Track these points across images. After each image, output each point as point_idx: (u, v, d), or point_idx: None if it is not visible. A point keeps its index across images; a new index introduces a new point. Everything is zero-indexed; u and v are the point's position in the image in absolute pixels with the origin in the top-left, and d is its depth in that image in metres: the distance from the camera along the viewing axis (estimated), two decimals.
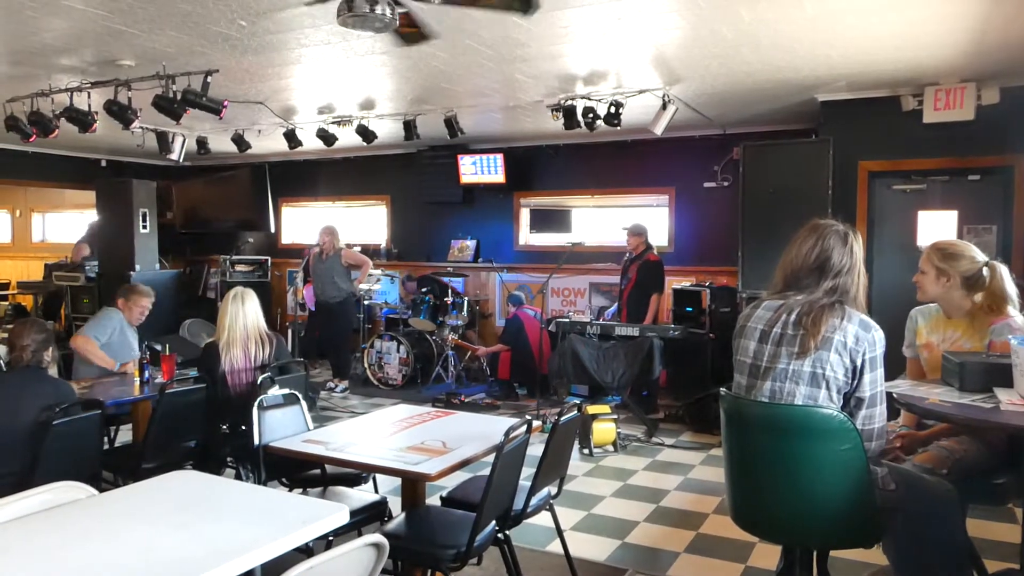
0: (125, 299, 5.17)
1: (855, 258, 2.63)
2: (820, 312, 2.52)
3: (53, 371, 3.87)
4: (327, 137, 7.80)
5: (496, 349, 8.20)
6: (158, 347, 4.82)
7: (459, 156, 9.45)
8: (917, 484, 2.59)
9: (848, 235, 2.65)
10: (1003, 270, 3.03)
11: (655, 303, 7.25)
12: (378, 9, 3.71)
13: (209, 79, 5.59)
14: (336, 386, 8.11)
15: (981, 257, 3.06)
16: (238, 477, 4.19)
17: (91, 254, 10.16)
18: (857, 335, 2.48)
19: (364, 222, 11.03)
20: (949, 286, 3.05)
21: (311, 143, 8.02)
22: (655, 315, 7.27)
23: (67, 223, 13.67)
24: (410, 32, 4.52)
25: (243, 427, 4.09)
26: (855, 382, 2.50)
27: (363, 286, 8.61)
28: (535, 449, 3.23)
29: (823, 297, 2.56)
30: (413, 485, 3.22)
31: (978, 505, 3.55)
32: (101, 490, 2.48)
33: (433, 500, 3.52)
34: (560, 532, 3.63)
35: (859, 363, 2.48)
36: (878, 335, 2.51)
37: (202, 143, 8.57)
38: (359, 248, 9.21)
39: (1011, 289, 3.01)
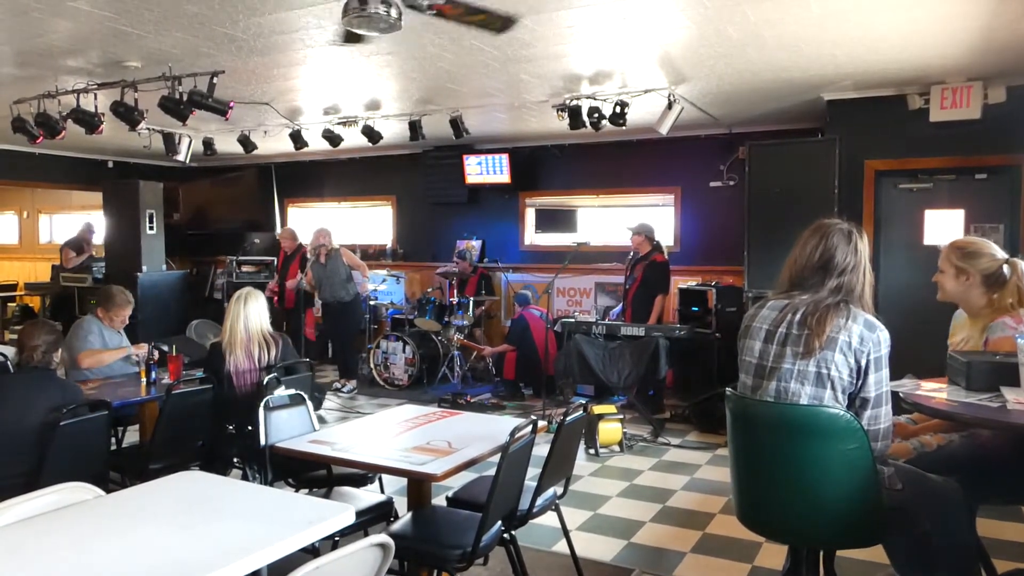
0: (105, 310, 5.02)
1: (860, 256, 2.62)
2: (825, 312, 2.51)
3: (61, 372, 3.88)
4: (333, 138, 7.81)
5: (501, 349, 8.21)
6: (165, 348, 4.82)
7: (464, 156, 9.46)
8: (924, 483, 2.58)
9: (852, 233, 2.65)
10: None
11: (659, 304, 7.24)
12: (383, 9, 3.72)
13: (215, 80, 5.61)
14: (343, 386, 8.12)
15: (1001, 255, 3.03)
16: (244, 477, 4.20)
17: (78, 256, 10.18)
18: (862, 335, 2.47)
19: (370, 222, 11.05)
20: (969, 284, 3.03)
21: (317, 144, 8.03)
22: (659, 315, 7.26)
23: (74, 224, 13.70)
24: (481, 19, 4.22)
25: (249, 428, 4.10)
26: (860, 382, 2.49)
27: (370, 286, 8.68)
28: (541, 449, 3.23)
29: (828, 297, 2.56)
30: (419, 485, 3.23)
31: (987, 505, 3.54)
32: (108, 491, 2.49)
33: (439, 500, 3.52)
34: (566, 532, 3.63)
35: (864, 363, 2.47)
36: (883, 335, 2.50)
37: (208, 144, 8.60)
38: (359, 251, 9.27)
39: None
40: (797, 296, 2.61)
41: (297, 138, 7.90)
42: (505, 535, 3.14)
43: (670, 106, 6.49)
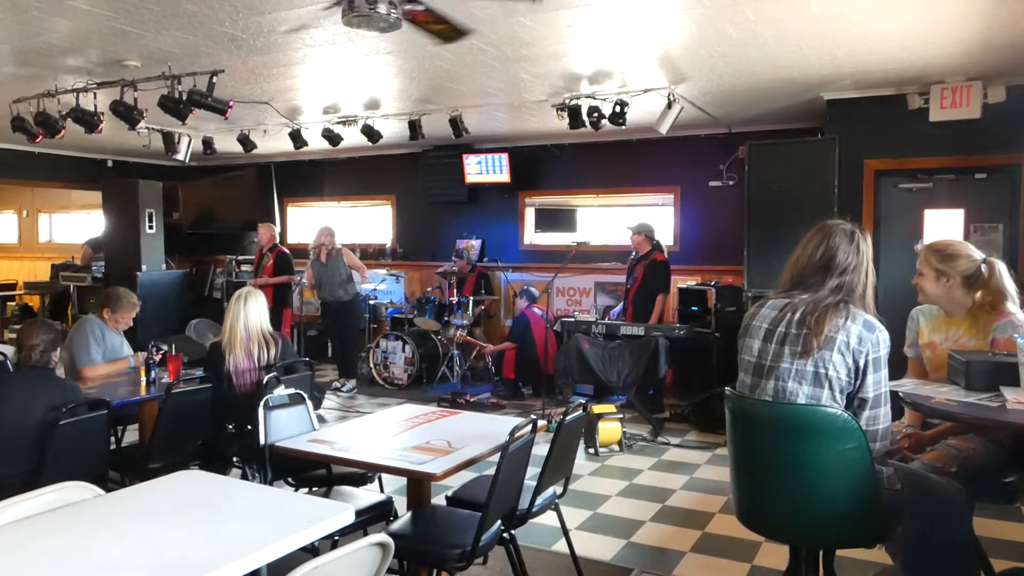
0: (112, 310, 4.98)
1: (862, 257, 2.62)
2: (824, 312, 2.51)
3: (61, 372, 3.87)
4: (332, 137, 7.81)
5: (503, 347, 8.21)
6: (164, 347, 4.82)
7: (464, 156, 9.46)
8: (923, 484, 2.58)
9: (855, 234, 2.65)
10: (1001, 267, 3.04)
11: (660, 303, 7.24)
12: (382, 9, 3.72)
13: (215, 79, 5.60)
14: (343, 385, 8.12)
15: (978, 255, 3.06)
16: (244, 477, 4.20)
17: (95, 255, 10.26)
18: (860, 335, 2.47)
19: (369, 222, 11.05)
20: (949, 286, 3.05)
21: (316, 143, 8.03)
22: (660, 315, 7.26)
23: (74, 223, 13.72)
24: (441, 29, 4.37)
25: (249, 427, 4.10)
26: (858, 382, 2.49)
27: (367, 286, 8.68)
28: (541, 449, 3.23)
29: (828, 296, 2.56)
30: (418, 485, 3.23)
31: (987, 504, 3.54)
32: (108, 490, 2.49)
33: (439, 500, 3.52)
34: (566, 531, 3.63)
35: (862, 363, 2.47)
36: (882, 336, 2.50)
37: (208, 143, 8.59)
38: (359, 251, 9.26)
39: (1010, 286, 3.02)
40: (797, 295, 2.62)
41: (297, 137, 7.90)
42: (505, 534, 3.14)
43: (670, 105, 6.49)
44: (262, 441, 3.35)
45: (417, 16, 4.11)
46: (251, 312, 4.50)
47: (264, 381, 4.22)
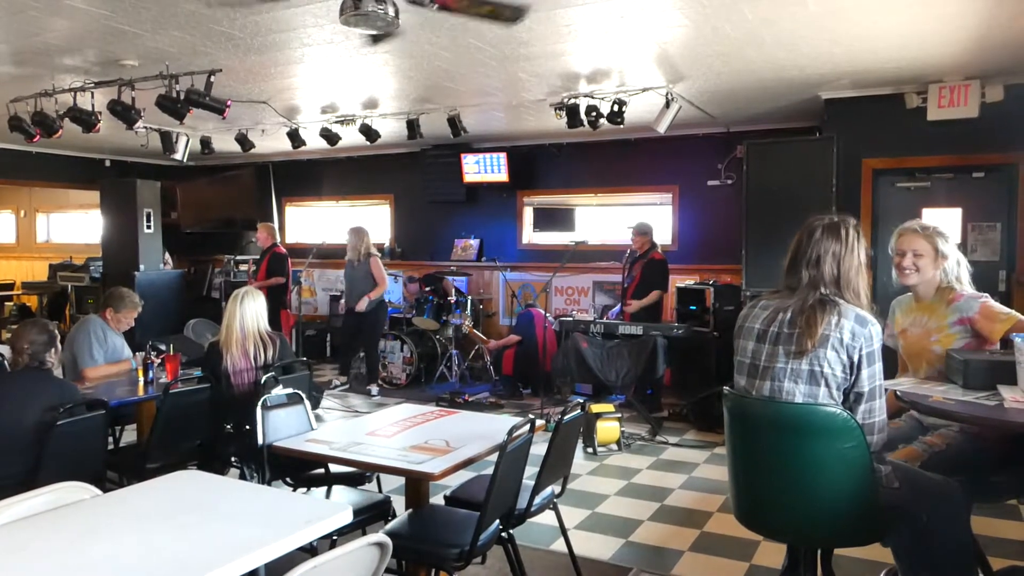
0: (115, 310, 4.98)
1: (831, 245, 2.58)
2: (812, 311, 2.51)
3: (59, 371, 3.86)
4: (330, 136, 7.80)
5: (506, 341, 8.20)
6: (162, 347, 4.81)
7: (462, 155, 9.46)
8: (921, 482, 2.59)
9: (837, 225, 2.62)
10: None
11: (655, 296, 7.23)
12: (380, 8, 3.71)
13: (212, 79, 5.60)
14: (371, 389, 8.00)
15: None
16: (242, 477, 4.19)
17: None
18: (853, 331, 2.47)
19: (368, 221, 11.02)
20: (943, 268, 3.08)
21: (314, 142, 8.03)
22: (651, 307, 7.22)
23: (71, 223, 13.70)
24: (489, 10, 4.02)
25: (247, 427, 4.10)
26: (853, 377, 2.49)
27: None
28: (539, 448, 3.23)
29: (812, 293, 2.55)
30: (417, 484, 3.22)
31: (976, 503, 3.55)
32: (105, 490, 2.48)
33: (437, 499, 3.52)
34: (564, 531, 3.63)
35: (856, 358, 2.47)
36: (875, 329, 2.50)
37: (206, 143, 8.59)
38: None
39: (965, 276, 3.12)
40: (787, 295, 2.62)
41: (295, 137, 7.90)
42: (503, 534, 3.14)
43: (668, 104, 6.50)
44: (260, 441, 3.34)
45: (450, 3, 3.96)
46: (247, 312, 4.49)
47: (262, 381, 4.22)
